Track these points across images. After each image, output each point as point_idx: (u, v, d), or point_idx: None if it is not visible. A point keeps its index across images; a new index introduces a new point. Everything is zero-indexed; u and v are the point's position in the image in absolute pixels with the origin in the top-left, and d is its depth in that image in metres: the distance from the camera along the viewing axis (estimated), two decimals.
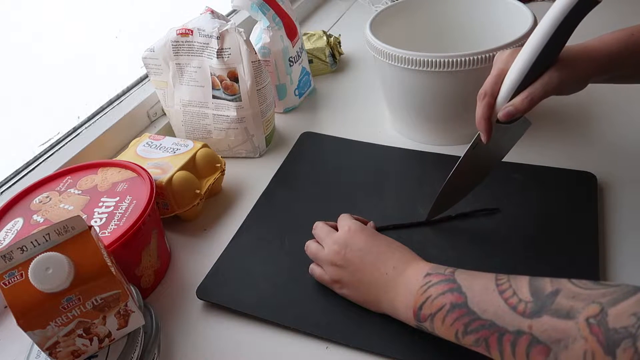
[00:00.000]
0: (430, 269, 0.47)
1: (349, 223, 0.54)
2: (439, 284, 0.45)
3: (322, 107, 0.91)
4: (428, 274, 0.47)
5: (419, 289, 0.46)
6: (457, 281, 0.44)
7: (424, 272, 0.47)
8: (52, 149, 0.75)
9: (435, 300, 0.44)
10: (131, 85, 0.89)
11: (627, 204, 0.62)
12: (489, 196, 0.63)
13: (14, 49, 0.68)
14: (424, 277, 0.46)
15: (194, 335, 0.54)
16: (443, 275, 0.46)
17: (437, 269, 0.47)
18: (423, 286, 0.46)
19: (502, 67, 0.51)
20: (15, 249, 0.41)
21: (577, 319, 0.35)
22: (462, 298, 0.43)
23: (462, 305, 0.42)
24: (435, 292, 0.45)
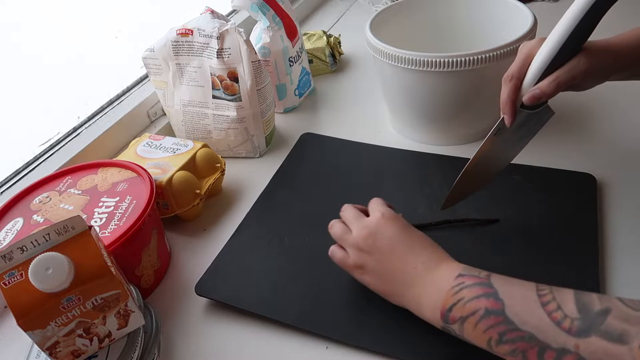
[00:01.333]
0: (463, 270, 0.45)
1: (382, 209, 0.52)
2: (473, 287, 0.43)
3: (322, 107, 0.91)
4: (461, 275, 0.44)
5: (449, 289, 0.44)
6: (493, 286, 0.42)
7: (456, 273, 0.45)
8: (52, 149, 0.75)
9: (468, 304, 0.42)
10: (131, 85, 0.89)
11: (627, 204, 0.62)
12: (488, 197, 0.63)
13: (14, 49, 0.68)
14: (456, 278, 0.44)
15: (194, 335, 0.54)
16: (477, 278, 0.43)
17: (471, 271, 0.45)
18: (455, 287, 0.44)
19: (527, 52, 0.51)
20: (15, 249, 0.41)
21: (630, 344, 0.33)
22: (499, 305, 0.40)
23: (498, 312, 0.40)
24: (469, 295, 0.42)
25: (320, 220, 0.64)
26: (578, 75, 0.48)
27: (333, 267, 0.57)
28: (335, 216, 0.64)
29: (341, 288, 0.55)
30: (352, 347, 0.50)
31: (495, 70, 0.67)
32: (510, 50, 0.64)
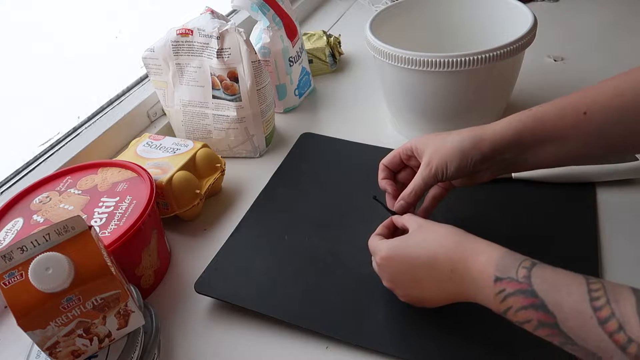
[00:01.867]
0: (497, 270, 0.41)
1: (378, 250, 0.49)
2: (517, 296, 0.39)
3: (322, 107, 0.91)
4: (498, 279, 0.40)
5: (494, 296, 0.41)
6: (538, 294, 0.38)
7: (492, 276, 0.41)
8: (52, 149, 0.75)
9: (519, 313, 0.39)
10: (131, 85, 0.89)
11: (626, 212, 0.62)
12: (488, 203, 0.63)
13: (14, 49, 0.68)
14: (495, 284, 0.40)
15: (194, 335, 0.54)
16: (518, 284, 0.39)
17: (506, 271, 0.40)
18: (498, 294, 0.40)
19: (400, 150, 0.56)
20: (15, 249, 0.41)
21: None
22: (550, 318, 0.37)
23: (552, 325, 0.37)
24: (516, 305, 0.39)
25: (320, 220, 0.64)
26: (429, 181, 0.51)
27: (333, 266, 0.57)
28: (334, 216, 0.64)
29: (341, 287, 0.55)
30: (352, 347, 0.50)
31: (495, 70, 0.67)
32: (510, 50, 0.64)
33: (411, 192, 0.52)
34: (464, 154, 0.49)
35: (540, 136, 0.48)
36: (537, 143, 0.48)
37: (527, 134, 0.48)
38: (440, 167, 0.50)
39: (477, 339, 0.49)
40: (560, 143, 0.48)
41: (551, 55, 0.95)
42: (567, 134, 0.47)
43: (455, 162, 0.49)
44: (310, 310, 0.53)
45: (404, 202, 0.53)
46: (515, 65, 0.72)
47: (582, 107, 0.46)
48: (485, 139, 0.49)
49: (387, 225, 0.53)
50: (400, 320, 0.50)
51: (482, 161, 0.50)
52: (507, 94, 0.76)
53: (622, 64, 0.90)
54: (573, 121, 0.46)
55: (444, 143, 0.50)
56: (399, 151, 0.55)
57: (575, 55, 0.95)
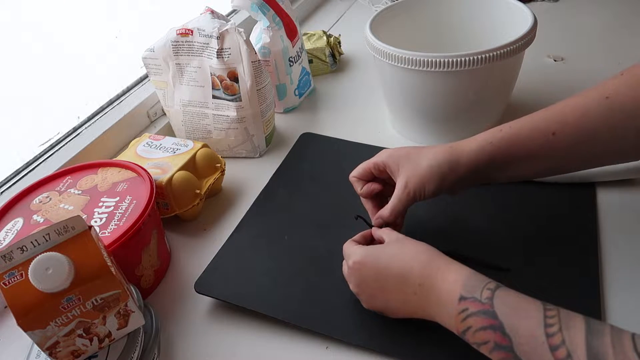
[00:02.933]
0: (463, 289, 0.42)
1: (352, 254, 0.50)
2: (478, 316, 0.40)
3: (322, 107, 0.91)
4: (463, 298, 0.42)
5: (456, 315, 0.42)
6: (498, 317, 0.39)
7: (458, 294, 0.42)
8: (52, 149, 0.75)
9: (477, 333, 0.40)
10: (131, 85, 0.89)
11: (627, 213, 0.62)
12: (487, 203, 0.63)
13: (13, 48, 0.68)
14: (459, 302, 0.42)
15: (194, 335, 0.54)
16: (480, 304, 0.40)
17: (472, 290, 0.41)
18: (460, 313, 0.41)
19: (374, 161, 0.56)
20: (15, 249, 0.41)
21: None
22: (506, 341, 0.38)
23: (507, 349, 0.38)
24: (476, 325, 0.40)
25: (320, 220, 0.64)
26: (407, 204, 0.52)
27: (333, 266, 0.57)
28: (334, 216, 0.64)
29: (341, 287, 0.55)
30: (352, 347, 0.50)
31: (495, 70, 0.67)
32: (510, 50, 0.64)
33: (390, 214, 0.53)
34: (440, 178, 0.51)
35: (512, 157, 0.50)
36: (510, 162, 0.50)
37: (500, 156, 0.50)
38: (418, 190, 0.51)
39: None
40: (533, 161, 0.50)
41: (551, 55, 0.95)
42: (538, 153, 0.49)
43: (432, 185, 0.51)
44: (310, 310, 0.53)
45: (382, 221, 0.54)
46: (515, 65, 0.72)
47: (551, 127, 0.48)
48: (461, 164, 0.51)
49: (365, 235, 0.54)
50: (400, 321, 0.50)
51: (457, 181, 0.51)
52: (507, 94, 0.76)
53: (622, 64, 0.90)
54: (543, 142, 0.48)
55: (419, 166, 0.51)
56: (369, 166, 0.56)
57: (575, 55, 0.95)
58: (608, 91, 0.46)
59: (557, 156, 0.49)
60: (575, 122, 0.47)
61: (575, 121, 0.47)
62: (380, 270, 0.48)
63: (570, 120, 0.47)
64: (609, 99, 0.46)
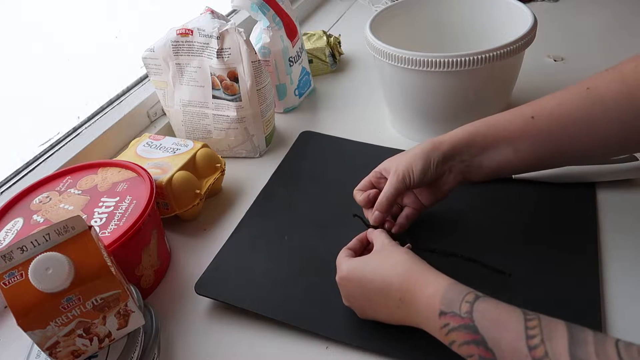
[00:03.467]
0: (442, 303, 0.42)
1: (339, 269, 0.51)
2: (460, 331, 0.40)
3: (322, 107, 0.91)
4: (442, 313, 0.42)
5: (439, 329, 0.42)
6: (479, 331, 0.39)
7: (437, 310, 0.42)
8: (52, 149, 0.75)
9: (462, 347, 0.40)
10: (131, 85, 0.89)
11: (626, 209, 0.62)
12: (488, 203, 0.63)
13: (13, 48, 0.68)
14: (440, 318, 0.42)
15: (194, 335, 0.54)
16: (460, 319, 0.40)
17: (450, 305, 0.41)
18: (442, 328, 0.42)
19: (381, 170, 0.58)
20: (15, 249, 0.41)
21: None
22: (490, 355, 0.38)
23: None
24: (459, 339, 0.40)
25: (320, 220, 0.64)
26: (398, 185, 0.53)
27: (333, 266, 0.57)
28: (334, 216, 0.64)
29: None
30: (352, 347, 0.50)
31: (495, 70, 0.67)
32: (510, 50, 0.64)
33: (382, 200, 0.54)
34: (425, 155, 0.53)
35: (490, 138, 0.52)
36: (489, 145, 0.52)
37: (479, 136, 0.52)
38: (407, 170, 0.53)
39: None
40: (511, 146, 0.51)
41: (551, 55, 0.95)
42: (516, 136, 0.51)
43: (419, 164, 0.53)
44: (310, 311, 0.53)
45: (378, 213, 0.55)
46: (515, 65, 0.72)
47: (530, 113, 0.51)
48: (443, 142, 0.53)
49: (360, 238, 0.55)
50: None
51: (443, 161, 0.53)
52: (507, 94, 0.76)
53: None
54: (521, 124, 0.51)
55: (407, 153, 0.54)
56: (369, 178, 0.58)
57: (575, 55, 0.95)
58: (589, 84, 0.48)
59: (537, 142, 0.50)
60: (553, 108, 0.49)
61: (553, 107, 0.49)
62: (364, 285, 0.48)
63: (548, 107, 0.50)
64: (589, 89, 0.48)
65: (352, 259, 0.50)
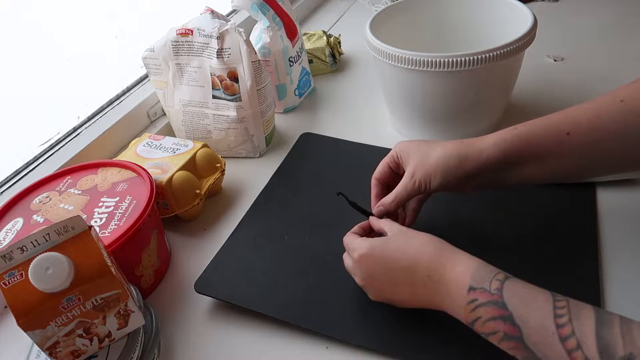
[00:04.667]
0: (472, 280, 0.42)
1: (357, 247, 0.50)
2: (488, 306, 0.40)
3: (322, 107, 0.91)
4: (472, 289, 0.42)
5: (465, 305, 0.42)
6: (507, 307, 0.39)
7: (467, 285, 0.42)
8: (52, 149, 0.75)
9: (487, 324, 0.41)
10: (131, 85, 0.89)
11: (626, 209, 0.62)
12: (488, 203, 0.63)
13: (13, 48, 0.68)
14: (468, 293, 0.42)
15: (194, 335, 0.54)
16: (490, 295, 0.40)
17: (481, 281, 0.42)
18: (470, 304, 0.42)
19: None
20: (15, 249, 0.41)
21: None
22: (516, 332, 0.39)
23: (517, 339, 0.39)
24: (485, 315, 0.41)
25: (320, 220, 0.64)
26: (412, 193, 0.52)
27: (333, 266, 0.57)
28: (335, 216, 0.64)
29: (341, 287, 0.55)
30: (352, 347, 0.50)
31: (495, 70, 0.68)
32: (510, 50, 0.64)
33: (392, 201, 0.53)
34: (448, 171, 0.51)
35: (525, 156, 0.49)
36: (522, 162, 0.50)
37: (513, 153, 0.49)
38: (424, 180, 0.51)
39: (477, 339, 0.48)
40: (543, 162, 0.49)
41: (551, 55, 0.95)
42: (551, 153, 0.49)
43: (438, 178, 0.51)
44: (310, 310, 0.53)
45: (383, 209, 0.54)
46: (515, 65, 0.72)
47: (565, 128, 0.48)
48: (470, 159, 0.50)
49: (363, 226, 0.54)
50: (400, 320, 0.50)
51: (465, 178, 0.51)
52: (507, 94, 0.76)
53: (622, 64, 0.91)
54: (557, 141, 0.48)
55: (428, 157, 0.52)
56: (386, 161, 0.56)
57: (575, 55, 0.95)
58: (622, 95, 0.46)
59: (570, 157, 0.48)
60: (589, 123, 0.47)
61: (588, 122, 0.47)
62: (388, 264, 0.47)
63: (584, 121, 0.47)
64: (623, 102, 0.46)
65: (371, 239, 0.50)
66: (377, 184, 0.57)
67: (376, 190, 0.57)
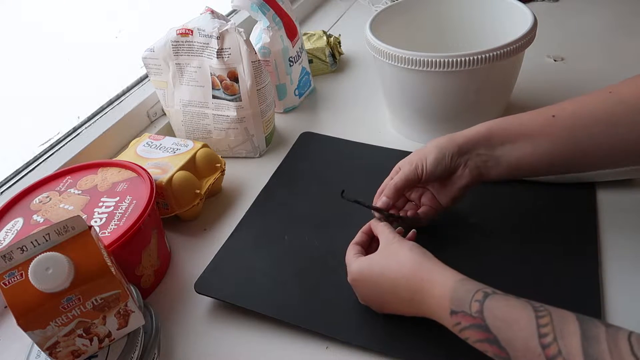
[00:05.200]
0: (452, 303, 0.42)
1: (349, 269, 0.51)
2: (472, 330, 0.40)
3: (322, 107, 0.91)
4: (453, 313, 0.42)
5: (452, 327, 0.43)
6: (491, 330, 0.39)
7: (447, 309, 0.42)
8: (52, 149, 0.75)
9: (476, 344, 0.41)
10: (131, 85, 0.89)
11: (627, 209, 0.62)
12: (488, 203, 0.63)
13: (13, 48, 0.68)
14: (451, 317, 0.42)
15: (194, 335, 0.54)
16: (472, 319, 0.40)
17: (460, 304, 0.41)
18: (455, 326, 0.42)
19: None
20: (15, 249, 0.41)
21: None
22: (504, 354, 0.38)
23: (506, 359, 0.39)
24: (472, 337, 0.41)
25: (320, 220, 0.64)
26: (410, 175, 0.53)
27: (333, 266, 0.57)
28: (335, 216, 0.64)
29: (341, 287, 0.55)
30: (352, 347, 0.50)
31: (495, 70, 0.67)
32: (510, 50, 0.64)
33: (391, 185, 0.55)
34: (440, 146, 0.53)
35: (510, 132, 0.52)
36: (508, 139, 0.52)
37: (498, 129, 0.52)
38: (420, 160, 0.53)
39: None
40: (530, 142, 0.51)
41: (551, 55, 0.95)
42: (537, 133, 0.51)
43: (432, 154, 0.53)
44: (310, 310, 0.53)
45: (385, 198, 0.55)
46: (515, 65, 0.72)
47: (551, 112, 0.51)
48: (459, 135, 0.54)
49: (365, 231, 0.55)
50: (400, 321, 0.50)
51: (458, 154, 0.53)
52: (507, 94, 0.76)
53: (622, 64, 0.91)
54: (542, 121, 0.51)
55: (423, 147, 0.55)
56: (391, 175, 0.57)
57: (575, 55, 0.95)
58: (612, 88, 0.48)
59: (557, 140, 0.50)
60: (574, 108, 0.50)
61: (574, 108, 0.50)
62: (375, 286, 0.49)
63: (570, 107, 0.50)
64: (612, 93, 0.48)
65: (360, 259, 0.50)
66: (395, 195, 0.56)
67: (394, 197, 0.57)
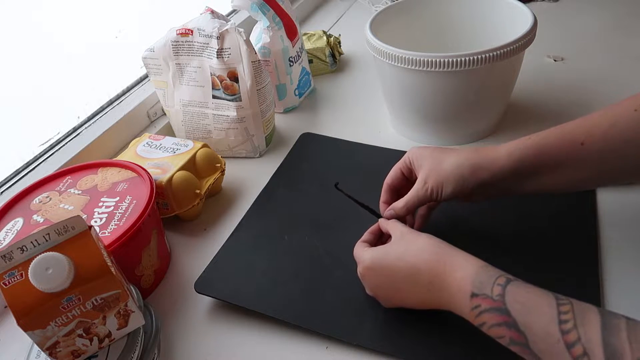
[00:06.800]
0: (473, 286, 0.42)
1: (361, 260, 0.50)
2: (491, 313, 0.40)
3: (322, 107, 0.91)
4: (474, 295, 0.41)
5: (469, 311, 0.42)
6: (511, 314, 0.39)
7: (468, 292, 0.42)
8: (52, 149, 0.75)
9: (492, 329, 0.41)
10: (131, 85, 0.89)
11: (627, 211, 0.62)
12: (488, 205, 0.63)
13: (13, 48, 0.68)
14: (471, 299, 0.42)
15: (194, 335, 0.54)
16: (492, 301, 0.40)
17: (482, 287, 0.41)
18: (474, 309, 0.42)
19: None
20: (15, 249, 0.41)
21: None
22: (521, 338, 0.38)
23: (523, 345, 0.38)
24: (490, 321, 0.40)
25: (320, 220, 0.64)
26: (423, 200, 0.52)
27: (333, 266, 0.57)
28: (334, 216, 0.64)
29: (341, 287, 0.55)
30: (352, 347, 0.50)
31: (495, 70, 0.67)
32: (510, 50, 0.64)
33: (403, 206, 0.53)
34: (461, 179, 0.50)
35: (539, 166, 0.49)
36: (536, 172, 0.49)
37: (528, 163, 0.49)
38: (436, 188, 0.51)
39: (478, 339, 0.48)
40: (559, 172, 0.49)
41: (551, 55, 0.95)
42: (566, 163, 0.48)
43: (450, 187, 0.51)
44: (310, 310, 0.53)
45: (394, 213, 0.54)
46: (515, 65, 0.72)
47: (579, 138, 0.47)
48: (484, 168, 0.50)
49: (373, 231, 0.54)
50: (400, 320, 0.50)
51: (478, 187, 0.50)
52: (507, 94, 0.76)
53: (622, 64, 0.91)
54: (572, 151, 0.48)
55: (442, 164, 0.51)
56: (399, 166, 0.56)
57: (575, 55, 0.95)
58: (635, 105, 0.45)
59: (586, 166, 0.48)
60: (603, 134, 0.46)
61: (603, 132, 0.46)
62: (390, 273, 0.48)
63: (598, 132, 0.46)
64: (637, 111, 0.45)
65: (373, 249, 0.50)
66: (388, 189, 0.57)
67: (386, 197, 0.57)
